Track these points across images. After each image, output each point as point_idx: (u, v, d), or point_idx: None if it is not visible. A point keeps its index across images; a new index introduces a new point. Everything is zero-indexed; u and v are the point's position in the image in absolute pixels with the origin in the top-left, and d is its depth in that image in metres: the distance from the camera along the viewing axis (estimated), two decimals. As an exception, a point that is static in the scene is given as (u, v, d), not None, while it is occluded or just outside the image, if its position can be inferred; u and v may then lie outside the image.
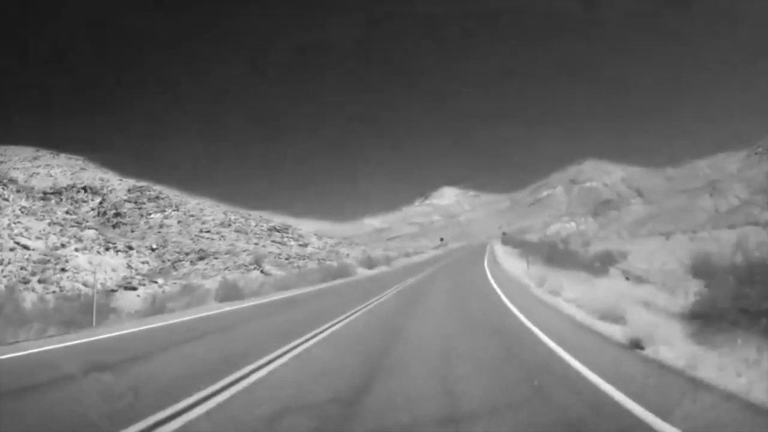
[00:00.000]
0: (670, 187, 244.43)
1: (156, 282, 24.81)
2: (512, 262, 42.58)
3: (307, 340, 8.86)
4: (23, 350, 8.89)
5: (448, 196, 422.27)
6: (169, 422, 4.69)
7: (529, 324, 10.21)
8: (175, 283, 23.64)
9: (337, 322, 11.11)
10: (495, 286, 20.59)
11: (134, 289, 23.01)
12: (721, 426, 4.45)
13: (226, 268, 31.06)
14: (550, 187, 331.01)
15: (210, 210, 58.74)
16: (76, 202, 70.88)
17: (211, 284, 23.03)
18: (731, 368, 5.93)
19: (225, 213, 57.77)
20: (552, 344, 7.98)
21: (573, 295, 14.81)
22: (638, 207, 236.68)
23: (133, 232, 55.73)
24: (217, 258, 34.47)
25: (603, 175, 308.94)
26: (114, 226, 59.21)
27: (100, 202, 68.77)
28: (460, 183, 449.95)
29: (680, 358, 6.61)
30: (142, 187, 69.29)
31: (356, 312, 13.10)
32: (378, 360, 7.28)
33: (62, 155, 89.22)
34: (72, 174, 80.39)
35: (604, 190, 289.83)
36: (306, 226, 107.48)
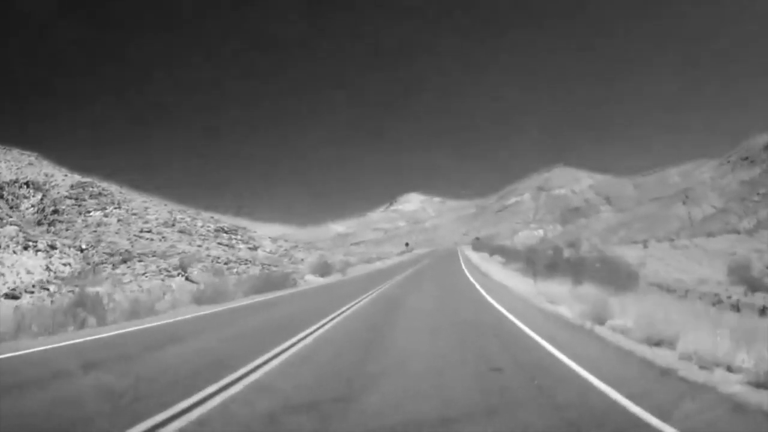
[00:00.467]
0: (640, 194, 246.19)
1: (47, 289, 20.41)
2: (498, 271, 39.08)
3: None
4: None
5: (413, 202, 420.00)
6: None
7: None
8: (71, 291, 19.28)
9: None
10: (514, 319, 12.80)
11: (17, 297, 18.62)
12: None
13: (144, 274, 26.62)
14: (517, 194, 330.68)
15: (155, 209, 54.13)
16: (17, 198, 66.06)
17: (119, 293, 18.74)
18: None
19: (170, 212, 53.13)
20: None
21: (697, 348, 7.64)
22: (608, 214, 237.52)
23: (67, 230, 50.97)
24: (141, 261, 30.01)
25: (571, 182, 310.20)
26: (50, 224, 54.71)
27: (41, 199, 64.31)
28: (425, 189, 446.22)
29: None
30: (85, 183, 64.67)
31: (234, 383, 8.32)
32: None
33: (15, 150, 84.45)
34: (18, 169, 75.67)
35: (573, 198, 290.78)
36: (269, 230, 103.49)
